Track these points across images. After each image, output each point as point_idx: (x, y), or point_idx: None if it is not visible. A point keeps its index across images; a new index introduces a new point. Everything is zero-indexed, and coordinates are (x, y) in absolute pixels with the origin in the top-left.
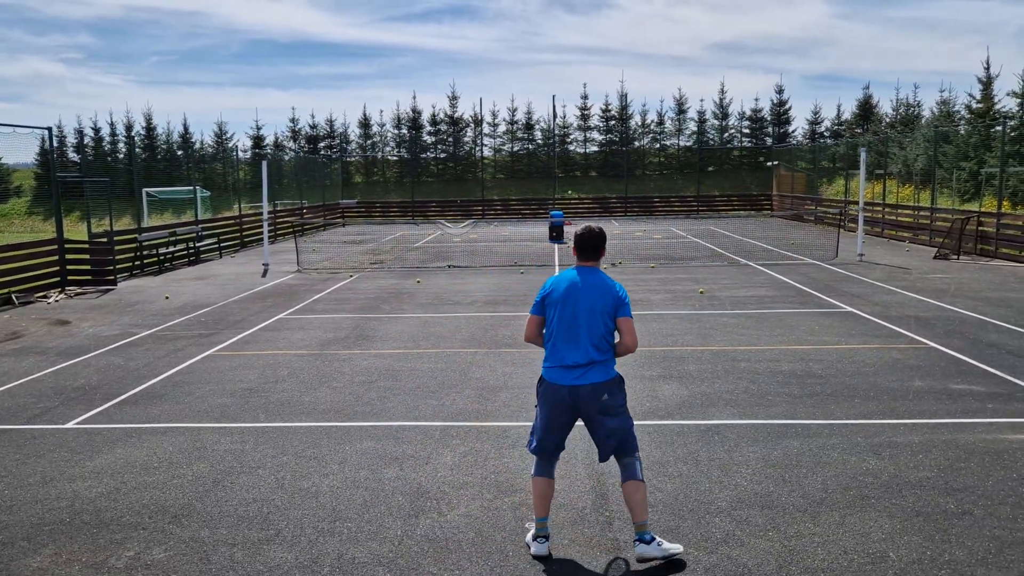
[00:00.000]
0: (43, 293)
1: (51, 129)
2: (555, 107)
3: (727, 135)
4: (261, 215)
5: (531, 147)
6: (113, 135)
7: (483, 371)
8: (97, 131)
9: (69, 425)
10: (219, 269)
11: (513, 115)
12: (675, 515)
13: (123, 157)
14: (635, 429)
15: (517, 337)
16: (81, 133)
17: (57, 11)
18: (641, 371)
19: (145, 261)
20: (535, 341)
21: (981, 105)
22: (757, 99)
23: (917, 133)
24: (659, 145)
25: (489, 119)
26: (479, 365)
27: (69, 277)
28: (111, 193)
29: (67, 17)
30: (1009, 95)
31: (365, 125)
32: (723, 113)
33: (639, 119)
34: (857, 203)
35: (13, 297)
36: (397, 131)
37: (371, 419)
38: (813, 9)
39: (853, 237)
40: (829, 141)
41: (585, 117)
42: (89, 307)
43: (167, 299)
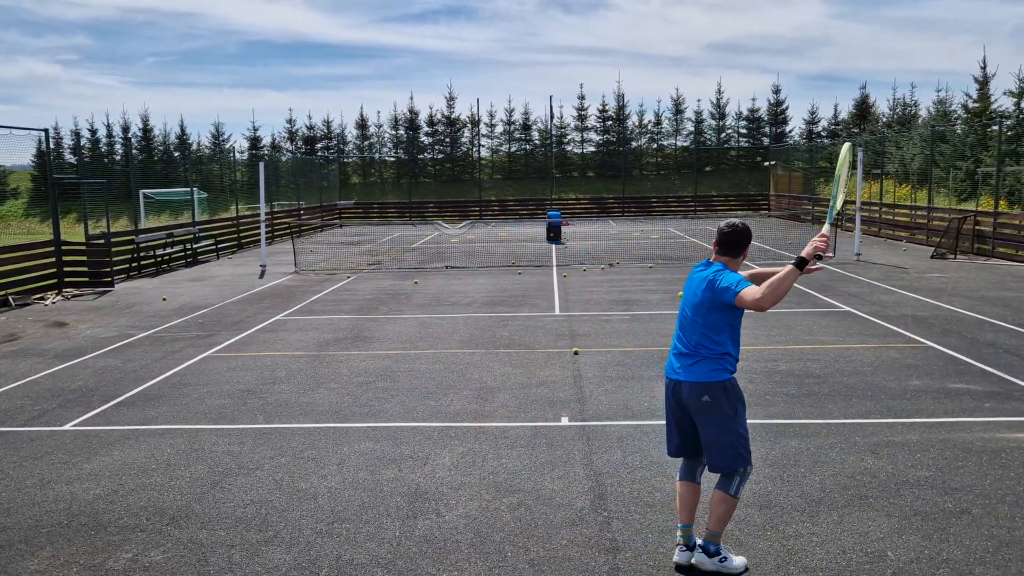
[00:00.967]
0: (40, 295)
1: (48, 131)
2: (552, 107)
3: (724, 135)
4: (258, 216)
5: (528, 148)
6: (110, 136)
7: (481, 372)
8: (94, 132)
9: (67, 427)
10: (216, 270)
11: (510, 116)
12: (674, 515)
13: (120, 159)
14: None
15: (515, 337)
16: (78, 134)
17: (53, 12)
18: (640, 371)
19: (142, 263)
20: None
21: (978, 104)
22: (754, 99)
23: (914, 133)
24: (656, 145)
25: (486, 120)
26: (477, 366)
27: (66, 279)
28: (108, 195)
29: (63, 18)
30: (1005, 94)
31: (362, 126)
32: (720, 113)
33: (636, 119)
34: (854, 203)
35: (10, 299)
36: (394, 132)
37: (369, 420)
38: (810, 9)
39: (850, 237)
40: (826, 141)
41: (582, 117)
42: (86, 309)
43: (164, 300)
